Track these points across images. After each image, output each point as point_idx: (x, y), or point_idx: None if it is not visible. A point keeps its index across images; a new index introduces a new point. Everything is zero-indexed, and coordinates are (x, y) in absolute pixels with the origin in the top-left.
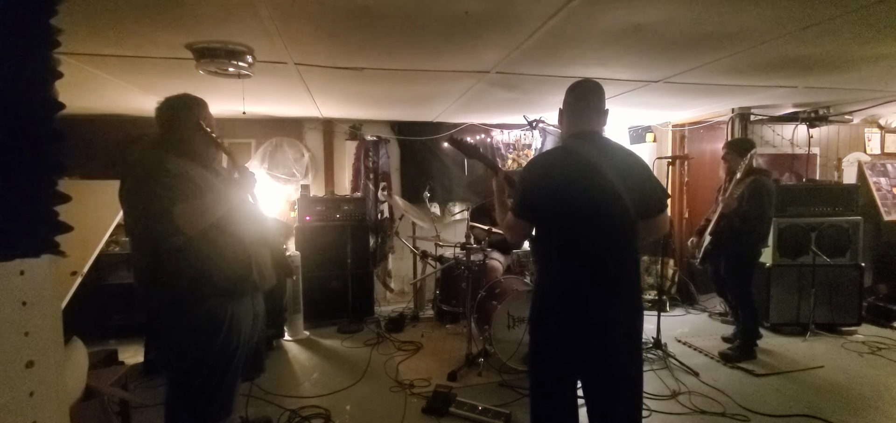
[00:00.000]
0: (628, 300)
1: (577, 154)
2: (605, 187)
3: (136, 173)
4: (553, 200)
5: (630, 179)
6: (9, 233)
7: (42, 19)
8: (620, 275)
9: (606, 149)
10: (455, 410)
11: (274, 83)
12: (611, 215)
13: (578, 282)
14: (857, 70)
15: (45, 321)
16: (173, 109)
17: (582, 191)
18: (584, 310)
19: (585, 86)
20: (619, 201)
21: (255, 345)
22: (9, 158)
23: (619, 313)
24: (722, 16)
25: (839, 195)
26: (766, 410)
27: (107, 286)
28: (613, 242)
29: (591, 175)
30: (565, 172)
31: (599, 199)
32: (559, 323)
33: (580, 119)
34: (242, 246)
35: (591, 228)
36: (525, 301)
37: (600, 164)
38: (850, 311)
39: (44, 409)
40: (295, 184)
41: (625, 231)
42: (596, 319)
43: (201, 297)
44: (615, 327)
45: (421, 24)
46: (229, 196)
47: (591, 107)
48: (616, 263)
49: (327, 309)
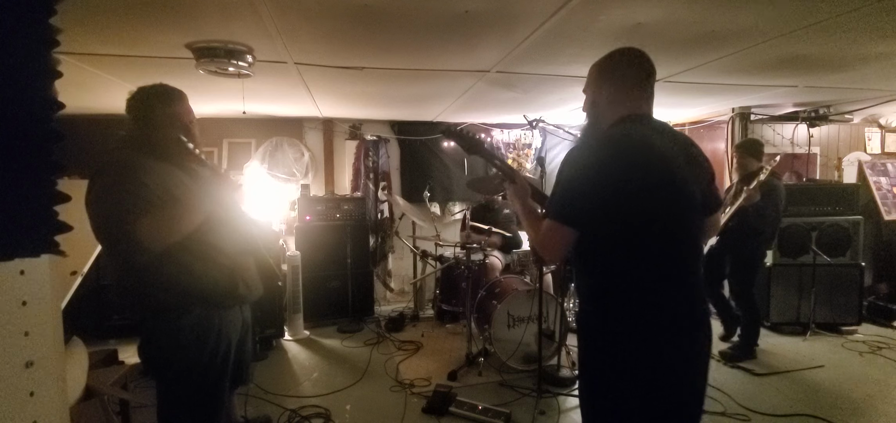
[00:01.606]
0: (709, 326)
1: (646, 141)
2: (682, 183)
3: (102, 180)
4: (628, 200)
5: (696, 167)
6: (9, 233)
7: (42, 19)
8: (702, 295)
9: (669, 133)
10: (455, 409)
11: (274, 83)
12: (691, 218)
13: (670, 310)
14: (858, 69)
15: (45, 321)
16: (148, 102)
17: (661, 188)
18: (678, 348)
19: (644, 56)
20: (695, 200)
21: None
22: (9, 158)
23: (706, 346)
24: (722, 15)
25: (839, 195)
26: (766, 409)
27: (107, 286)
28: (696, 253)
29: (666, 168)
30: (632, 163)
31: (678, 198)
32: (649, 369)
33: (638, 97)
34: (225, 256)
35: (675, 236)
36: (525, 301)
37: (671, 152)
38: (850, 310)
39: (44, 409)
40: (295, 184)
41: (699, 238)
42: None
43: (186, 306)
44: (703, 365)
45: (421, 24)
46: (207, 205)
47: (648, 83)
48: (699, 279)
49: (327, 309)
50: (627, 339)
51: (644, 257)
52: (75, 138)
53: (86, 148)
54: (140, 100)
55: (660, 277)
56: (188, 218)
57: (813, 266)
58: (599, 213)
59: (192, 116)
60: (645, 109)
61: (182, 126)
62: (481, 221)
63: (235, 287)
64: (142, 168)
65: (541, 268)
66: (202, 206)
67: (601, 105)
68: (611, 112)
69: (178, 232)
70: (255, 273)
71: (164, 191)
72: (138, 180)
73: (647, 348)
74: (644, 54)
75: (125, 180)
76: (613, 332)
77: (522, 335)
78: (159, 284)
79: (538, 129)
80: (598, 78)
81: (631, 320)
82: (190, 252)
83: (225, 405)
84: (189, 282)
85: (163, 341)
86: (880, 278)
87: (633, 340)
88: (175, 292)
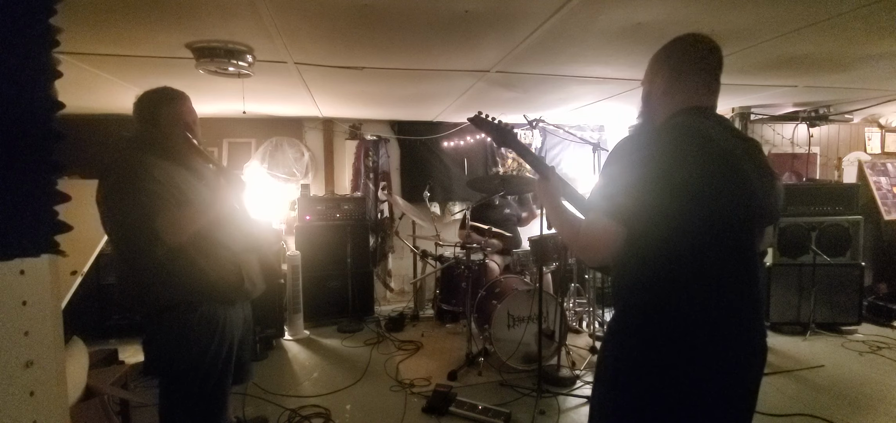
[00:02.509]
0: (765, 352)
1: (710, 137)
2: (749, 188)
3: (115, 177)
4: (685, 199)
5: (762, 173)
6: (9, 233)
7: (42, 19)
8: (761, 315)
9: (734, 131)
10: (455, 409)
11: (274, 82)
12: (754, 228)
13: (726, 330)
14: (858, 69)
15: (45, 321)
16: (153, 103)
17: (725, 190)
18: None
19: (707, 41)
20: (757, 204)
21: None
22: (9, 158)
23: (759, 375)
24: (722, 15)
25: (839, 195)
26: (766, 409)
27: (107, 286)
28: (758, 267)
29: (730, 167)
30: (698, 161)
31: (744, 204)
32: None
33: (698, 87)
34: (230, 253)
35: (738, 246)
36: (525, 300)
37: (735, 151)
38: (850, 310)
39: (44, 409)
40: (295, 183)
41: (758, 247)
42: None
43: (193, 303)
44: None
45: (421, 24)
46: (215, 202)
47: (715, 73)
48: (760, 297)
49: (327, 309)
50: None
51: (701, 266)
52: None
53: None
54: (145, 102)
55: (718, 290)
56: (199, 215)
57: (813, 266)
58: (653, 211)
59: (194, 116)
60: (707, 101)
61: (185, 125)
62: (481, 221)
63: (241, 283)
64: (153, 166)
65: (541, 268)
66: (211, 203)
67: (655, 97)
68: (665, 105)
69: (192, 228)
70: (258, 270)
71: (175, 188)
72: (151, 177)
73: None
74: (707, 39)
75: (138, 178)
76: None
77: (522, 335)
78: (167, 281)
79: (538, 129)
80: (653, 66)
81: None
82: (197, 249)
83: (228, 402)
84: (197, 279)
85: (168, 337)
86: (880, 278)
87: (682, 360)
88: (182, 288)
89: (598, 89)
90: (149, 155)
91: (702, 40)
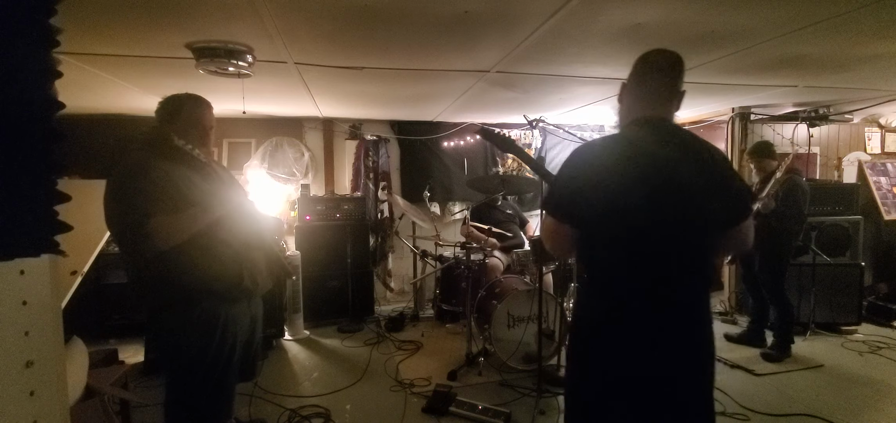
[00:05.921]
0: (701, 341)
1: (640, 145)
2: (675, 188)
3: (115, 177)
4: (602, 201)
5: (709, 178)
6: (9, 233)
7: (41, 19)
8: (692, 306)
9: (677, 139)
10: (455, 409)
11: (274, 82)
12: (682, 225)
13: (637, 317)
14: (857, 69)
15: (45, 321)
16: (181, 101)
17: (644, 192)
18: (643, 357)
19: (659, 58)
20: (694, 207)
21: (254, 348)
22: (9, 158)
23: (690, 362)
24: (722, 15)
25: (839, 194)
26: (766, 409)
27: (107, 286)
28: (686, 261)
29: (657, 172)
30: (622, 166)
31: (667, 203)
32: (607, 371)
33: (647, 100)
34: (231, 251)
35: (656, 241)
36: (525, 300)
37: (670, 157)
38: (850, 310)
39: (44, 409)
40: (295, 183)
41: (700, 247)
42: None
43: (194, 299)
44: (685, 384)
45: (421, 24)
46: (217, 206)
47: (663, 85)
48: (686, 289)
49: (327, 309)
50: (596, 340)
51: (603, 253)
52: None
53: (86, 148)
54: (172, 98)
55: (622, 278)
56: (196, 221)
57: (813, 266)
58: (583, 211)
59: (213, 123)
60: (657, 112)
61: (202, 128)
62: (481, 221)
63: (240, 280)
64: (152, 167)
65: (541, 268)
66: (213, 207)
67: (622, 112)
68: (623, 118)
69: (187, 233)
70: (263, 267)
71: (174, 189)
72: (148, 178)
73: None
74: (665, 53)
75: (137, 179)
76: (580, 328)
77: (522, 335)
78: (168, 278)
79: (538, 129)
80: (625, 84)
81: (589, 319)
82: (197, 247)
83: (232, 399)
84: (195, 276)
85: (172, 333)
86: (880, 278)
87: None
88: (182, 285)
89: (598, 89)
90: (151, 156)
91: (658, 55)
